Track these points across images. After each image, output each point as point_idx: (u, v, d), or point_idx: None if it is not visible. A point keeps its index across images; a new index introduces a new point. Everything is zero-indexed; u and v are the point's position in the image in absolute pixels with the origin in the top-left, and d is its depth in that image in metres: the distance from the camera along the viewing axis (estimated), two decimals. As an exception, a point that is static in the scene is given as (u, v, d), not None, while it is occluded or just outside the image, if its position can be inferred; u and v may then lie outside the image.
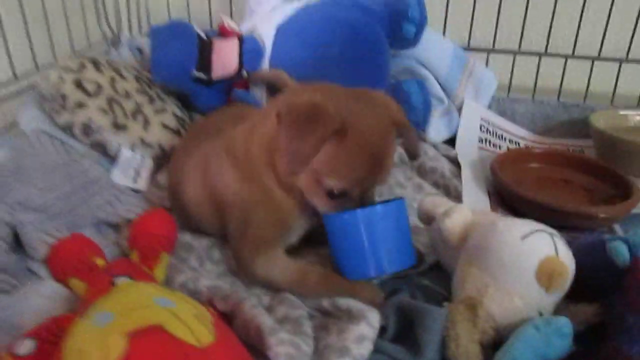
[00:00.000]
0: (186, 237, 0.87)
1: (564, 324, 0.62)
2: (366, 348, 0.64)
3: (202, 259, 0.85)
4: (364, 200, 0.72)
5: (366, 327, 0.66)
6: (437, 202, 0.88)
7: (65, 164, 0.88)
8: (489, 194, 1.09)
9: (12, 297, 0.71)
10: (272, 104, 0.80)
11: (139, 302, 0.53)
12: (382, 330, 0.69)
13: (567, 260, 0.66)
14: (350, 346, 0.63)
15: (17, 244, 0.78)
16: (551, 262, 0.65)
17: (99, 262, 0.73)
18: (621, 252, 0.67)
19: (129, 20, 1.46)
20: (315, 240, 0.83)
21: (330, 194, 0.71)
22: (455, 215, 0.77)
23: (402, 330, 0.69)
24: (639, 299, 0.62)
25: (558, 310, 0.68)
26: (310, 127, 0.64)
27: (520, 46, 1.44)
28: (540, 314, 0.66)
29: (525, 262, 0.66)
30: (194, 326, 0.51)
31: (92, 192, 0.90)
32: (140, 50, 1.39)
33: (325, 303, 0.72)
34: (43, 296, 0.70)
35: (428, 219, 0.87)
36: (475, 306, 0.67)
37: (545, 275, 0.65)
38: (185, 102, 1.25)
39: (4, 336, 0.63)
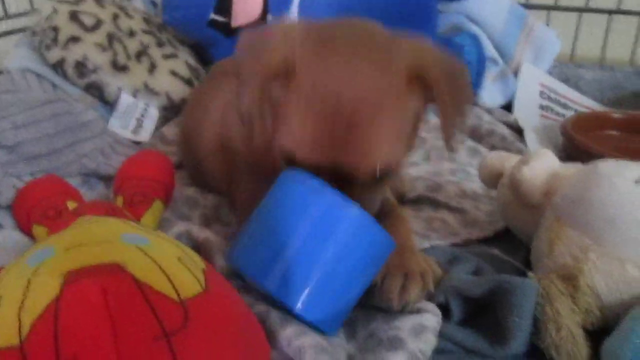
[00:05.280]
0: (189, 191, 0.70)
1: None
2: (428, 342, 0.45)
3: (208, 218, 0.68)
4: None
5: (425, 315, 0.48)
6: (505, 156, 0.70)
7: (50, 101, 0.73)
8: (560, 162, 0.89)
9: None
10: None
11: (97, 237, 0.36)
12: (444, 312, 0.50)
13: None
14: (404, 338, 0.45)
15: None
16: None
17: (72, 205, 0.56)
18: None
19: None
20: None
21: None
22: (536, 163, 0.59)
23: (470, 313, 0.51)
24: None
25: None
26: (249, 61, 0.48)
27: (587, 2, 1.25)
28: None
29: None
30: (174, 271, 0.34)
31: (82, 136, 0.74)
32: (154, 4, 1.24)
33: None
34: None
35: (494, 177, 0.69)
36: (575, 277, 0.48)
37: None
38: (201, 55, 1.09)
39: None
